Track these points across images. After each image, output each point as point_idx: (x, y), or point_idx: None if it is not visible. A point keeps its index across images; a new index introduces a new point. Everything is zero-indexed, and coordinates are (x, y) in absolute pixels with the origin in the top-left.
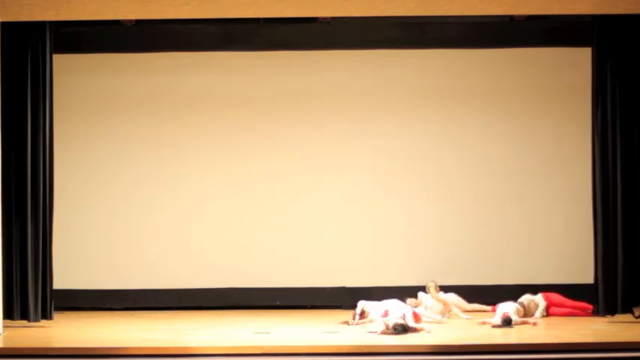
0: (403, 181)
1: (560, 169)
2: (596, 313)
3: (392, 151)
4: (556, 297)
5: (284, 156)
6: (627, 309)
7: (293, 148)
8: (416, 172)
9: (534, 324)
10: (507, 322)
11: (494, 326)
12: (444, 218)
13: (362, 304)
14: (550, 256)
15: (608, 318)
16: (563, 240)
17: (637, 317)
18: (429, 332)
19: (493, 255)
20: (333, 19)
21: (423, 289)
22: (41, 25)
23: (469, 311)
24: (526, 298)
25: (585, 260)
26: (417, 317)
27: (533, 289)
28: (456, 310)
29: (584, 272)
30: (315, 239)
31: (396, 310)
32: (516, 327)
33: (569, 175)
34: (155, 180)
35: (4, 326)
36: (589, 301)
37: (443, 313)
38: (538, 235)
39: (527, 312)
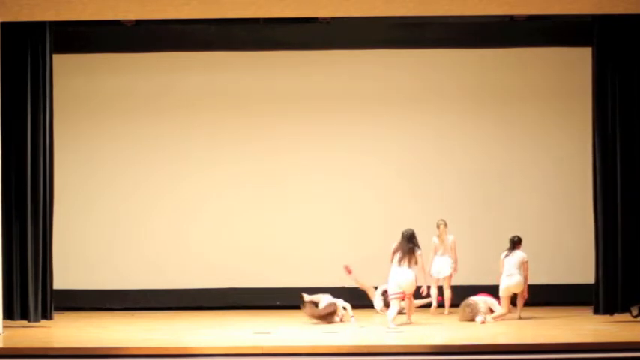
0: (403, 181)
1: (560, 168)
2: (596, 312)
3: (391, 151)
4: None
5: (284, 156)
6: (626, 309)
7: (293, 149)
8: (416, 173)
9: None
10: None
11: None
12: (444, 218)
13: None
14: (549, 255)
15: (608, 317)
16: (562, 240)
17: (634, 316)
18: None
19: (492, 255)
20: (333, 19)
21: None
22: (41, 25)
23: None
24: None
25: (585, 260)
26: None
27: (533, 289)
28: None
29: (583, 272)
30: (316, 239)
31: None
32: (517, 327)
33: (569, 174)
34: (155, 180)
35: (4, 326)
36: (589, 302)
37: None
38: (537, 236)
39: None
